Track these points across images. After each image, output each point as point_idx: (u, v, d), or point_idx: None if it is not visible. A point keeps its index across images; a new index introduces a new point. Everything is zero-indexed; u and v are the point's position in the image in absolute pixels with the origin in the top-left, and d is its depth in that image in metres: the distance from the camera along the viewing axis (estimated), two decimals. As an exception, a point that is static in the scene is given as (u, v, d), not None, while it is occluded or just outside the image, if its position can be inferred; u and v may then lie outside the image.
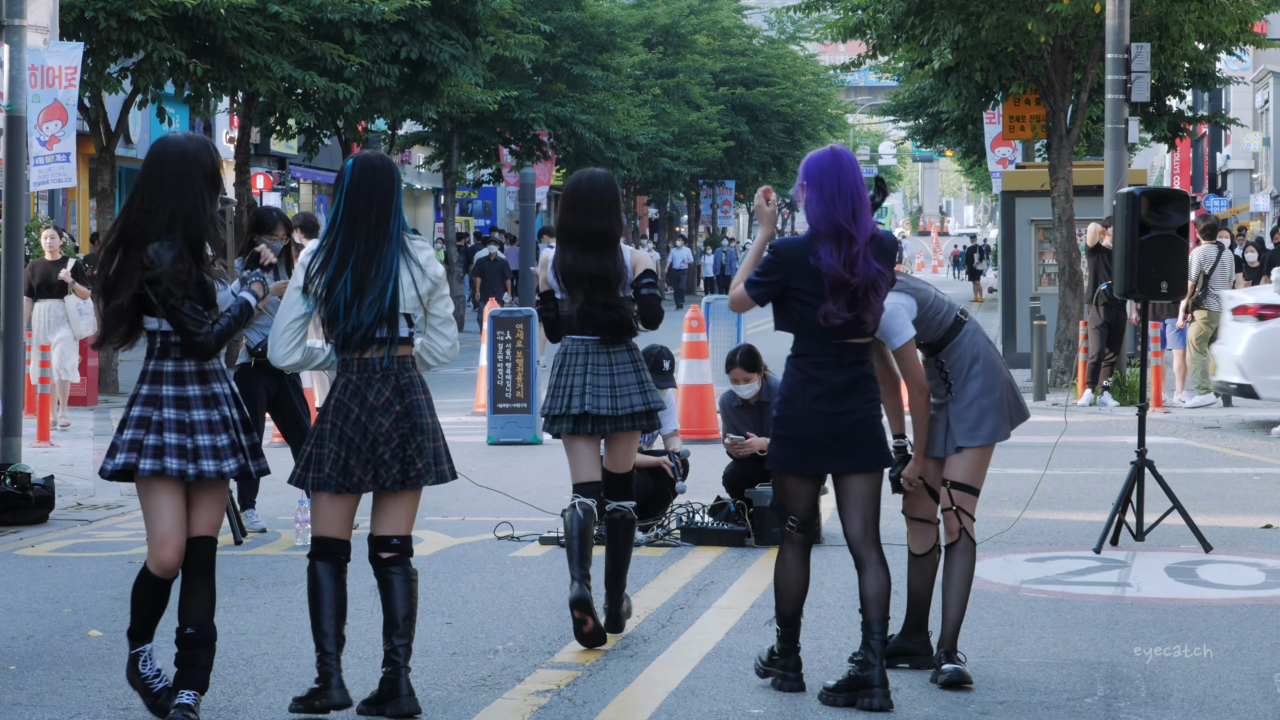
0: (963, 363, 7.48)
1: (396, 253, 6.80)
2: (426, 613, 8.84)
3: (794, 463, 7.04)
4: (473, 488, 12.13)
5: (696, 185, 61.20)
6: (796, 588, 7.15)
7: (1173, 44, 22.53)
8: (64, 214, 34.09)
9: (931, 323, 7.43)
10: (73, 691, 7.24)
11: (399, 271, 6.78)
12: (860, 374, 7.02)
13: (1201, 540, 10.59)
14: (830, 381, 6.97)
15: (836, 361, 6.98)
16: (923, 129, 42.87)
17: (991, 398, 7.46)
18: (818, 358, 6.98)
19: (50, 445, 16.35)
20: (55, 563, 10.51)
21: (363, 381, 6.79)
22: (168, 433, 6.60)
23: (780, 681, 7.24)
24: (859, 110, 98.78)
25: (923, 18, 22.63)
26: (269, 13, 23.36)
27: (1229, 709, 6.99)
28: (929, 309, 7.42)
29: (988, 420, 7.46)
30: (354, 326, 6.75)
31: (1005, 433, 7.53)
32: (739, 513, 10.92)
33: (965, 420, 7.47)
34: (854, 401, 7.00)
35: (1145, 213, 10.85)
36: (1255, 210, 58.37)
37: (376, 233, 6.77)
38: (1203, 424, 18.38)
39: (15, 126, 13.49)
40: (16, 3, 13.48)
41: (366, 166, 6.84)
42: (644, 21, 51.03)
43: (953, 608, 7.47)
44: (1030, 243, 25.77)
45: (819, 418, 6.97)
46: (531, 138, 41.28)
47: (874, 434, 7.06)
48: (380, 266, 6.76)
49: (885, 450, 7.14)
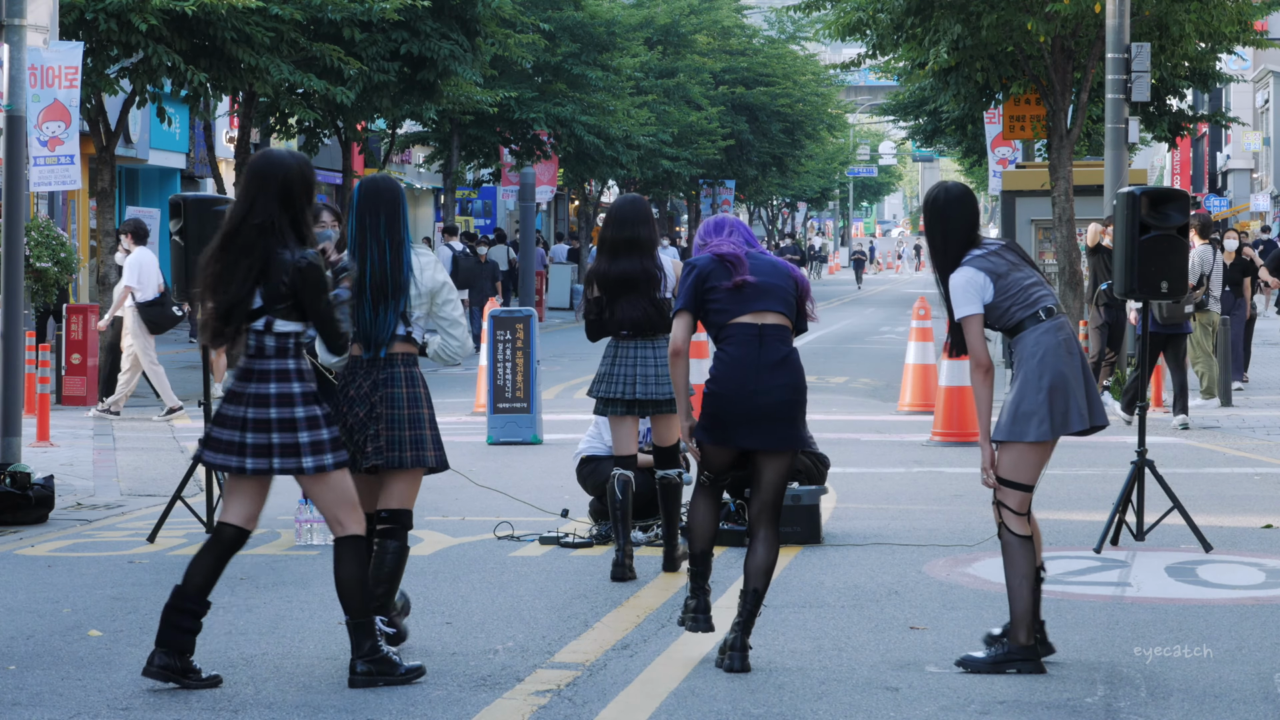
0: (1022, 355, 7.60)
1: (409, 257, 7.65)
2: (426, 613, 8.84)
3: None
4: (473, 488, 12.14)
5: (696, 185, 61.20)
6: (708, 528, 7.84)
7: (1173, 44, 22.51)
8: (64, 214, 34.08)
9: (1004, 310, 7.59)
10: (73, 691, 7.24)
11: (410, 275, 7.65)
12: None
13: (1202, 540, 10.59)
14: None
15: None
16: (923, 129, 42.85)
17: (1036, 399, 7.54)
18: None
19: (50, 445, 16.35)
20: (55, 563, 10.51)
21: (351, 375, 7.70)
22: (335, 425, 7.32)
23: (691, 624, 7.77)
24: (859, 110, 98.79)
25: (922, 17, 22.62)
26: (270, 14, 23.36)
27: (1229, 709, 6.99)
28: (1006, 297, 7.57)
29: (1023, 417, 7.57)
30: (380, 326, 7.61)
31: (1041, 433, 7.57)
32: (739, 513, 10.92)
33: (1004, 413, 7.63)
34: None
35: (1145, 213, 10.85)
36: (1255, 210, 58.40)
37: (386, 239, 7.62)
38: (1203, 424, 18.37)
39: (15, 126, 13.49)
40: (16, 2, 13.48)
41: (370, 183, 7.70)
42: (644, 21, 51.00)
43: (1010, 601, 7.70)
44: (1030, 243, 25.76)
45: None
46: (531, 138, 41.27)
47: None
48: (395, 271, 7.61)
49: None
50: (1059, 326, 7.61)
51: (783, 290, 7.78)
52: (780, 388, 7.64)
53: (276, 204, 7.18)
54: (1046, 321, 7.60)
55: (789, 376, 7.68)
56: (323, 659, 7.80)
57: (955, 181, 7.91)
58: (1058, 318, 7.63)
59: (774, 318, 7.72)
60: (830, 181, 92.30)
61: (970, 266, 7.59)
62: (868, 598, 9.25)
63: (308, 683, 7.36)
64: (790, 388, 7.67)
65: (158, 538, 11.11)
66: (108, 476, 14.63)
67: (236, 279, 7.14)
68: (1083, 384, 7.61)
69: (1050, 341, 7.58)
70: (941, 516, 12.00)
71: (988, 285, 7.55)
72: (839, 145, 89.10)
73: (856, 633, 8.39)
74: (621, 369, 9.88)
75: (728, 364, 7.70)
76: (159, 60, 22.25)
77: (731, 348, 7.70)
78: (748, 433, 7.64)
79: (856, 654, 7.93)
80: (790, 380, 7.68)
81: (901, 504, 12.68)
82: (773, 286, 7.76)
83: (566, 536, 11.00)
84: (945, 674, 7.55)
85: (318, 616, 8.76)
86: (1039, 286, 7.67)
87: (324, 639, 8.23)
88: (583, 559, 10.49)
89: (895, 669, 7.63)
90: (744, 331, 7.68)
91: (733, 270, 7.74)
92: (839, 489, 13.09)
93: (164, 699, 7.09)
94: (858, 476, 14.18)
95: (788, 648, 8.03)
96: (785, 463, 7.71)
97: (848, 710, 6.95)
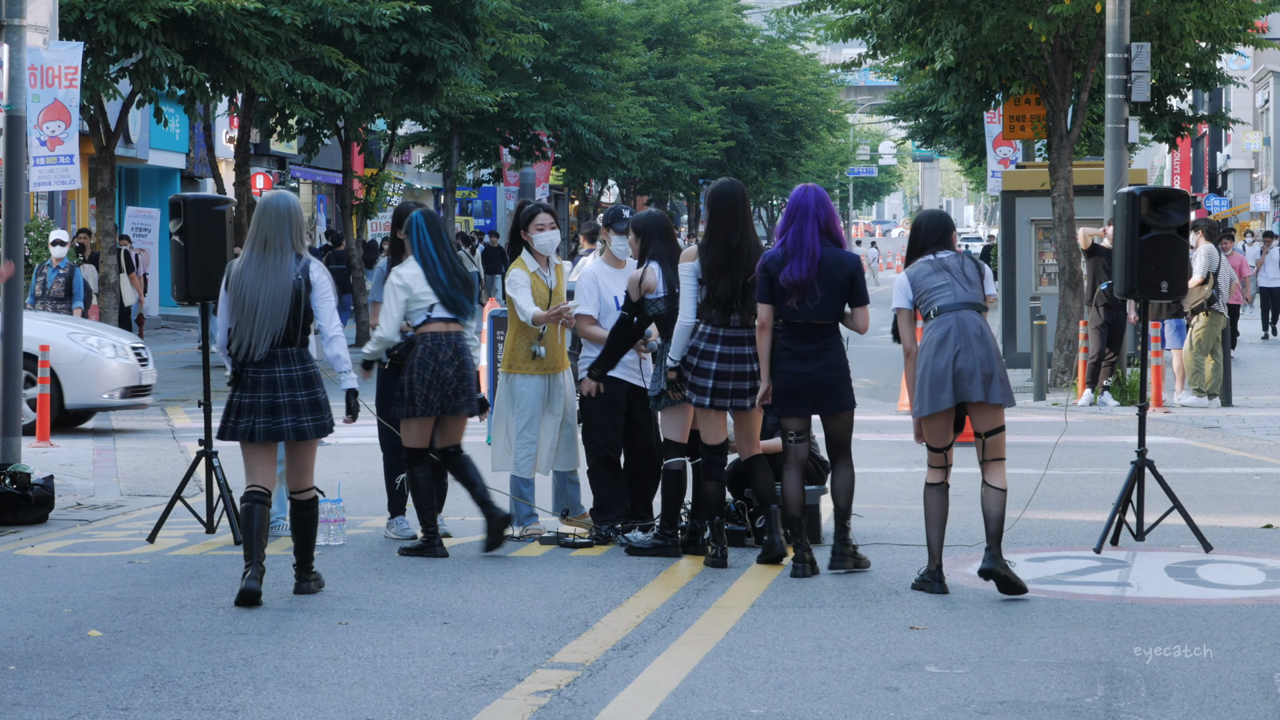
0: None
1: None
2: (426, 612, 8.85)
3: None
4: (473, 488, 12.14)
5: (696, 185, 61.19)
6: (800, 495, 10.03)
7: (1173, 43, 22.50)
8: (64, 214, 34.10)
9: (922, 305, 9.54)
10: (73, 691, 7.24)
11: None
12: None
13: (1202, 540, 10.59)
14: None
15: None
16: (923, 129, 42.84)
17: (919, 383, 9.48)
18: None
19: (50, 445, 16.35)
20: (55, 563, 10.51)
21: (439, 346, 10.49)
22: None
23: (799, 569, 9.82)
24: (859, 110, 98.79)
25: (923, 17, 22.60)
26: (269, 16, 23.36)
27: (1229, 709, 6.99)
28: (920, 292, 9.51)
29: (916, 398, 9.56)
30: (468, 311, 10.62)
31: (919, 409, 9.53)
32: (739, 513, 10.92)
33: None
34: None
35: (1145, 213, 10.84)
36: (1255, 210, 58.39)
37: (452, 251, 10.61)
38: (1203, 424, 18.38)
39: (15, 126, 13.49)
40: (16, 3, 13.48)
41: (429, 214, 10.66)
42: (644, 20, 51.02)
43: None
44: (1030, 243, 25.74)
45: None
46: (531, 138, 41.28)
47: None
48: (463, 275, 10.58)
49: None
50: (942, 326, 9.37)
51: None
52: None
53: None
54: (934, 319, 9.42)
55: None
56: (323, 659, 7.80)
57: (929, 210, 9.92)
58: (941, 318, 9.38)
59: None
60: (830, 181, 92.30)
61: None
62: (868, 598, 9.25)
63: (308, 683, 7.36)
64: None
65: (158, 538, 11.10)
66: (108, 476, 14.63)
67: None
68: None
69: (929, 339, 9.40)
70: (941, 516, 11.97)
71: (908, 288, 9.56)
72: (839, 145, 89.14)
73: (856, 633, 8.39)
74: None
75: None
76: (158, 61, 22.25)
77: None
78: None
79: (856, 654, 7.93)
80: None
81: (901, 504, 12.67)
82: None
83: (567, 536, 11.01)
84: (945, 674, 7.55)
85: (318, 617, 8.76)
86: (947, 294, 9.43)
87: (324, 639, 8.23)
88: (583, 559, 10.49)
89: (895, 669, 7.63)
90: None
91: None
92: (839, 489, 13.06)
93: (164, 699, 7.09)
94: (858, 476, 14.12)
95: (788, 648, 8.03)
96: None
97: (848, 710, 6.95)
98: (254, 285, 9.08)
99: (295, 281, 9.10)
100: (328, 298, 9.22)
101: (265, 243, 9.13)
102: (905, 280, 9.54)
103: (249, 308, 9.08)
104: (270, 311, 9.08)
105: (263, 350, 9.10)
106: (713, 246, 10.00)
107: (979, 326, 9.37)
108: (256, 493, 9.10)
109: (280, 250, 9.12)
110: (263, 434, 9.11)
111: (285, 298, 9.08)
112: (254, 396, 9.11)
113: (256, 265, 9.11)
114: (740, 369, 9.97)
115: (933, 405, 9.37)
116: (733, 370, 9.97)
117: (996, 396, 9.31)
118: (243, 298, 9.10)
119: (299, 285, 9.11)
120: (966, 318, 9.35)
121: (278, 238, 9.12)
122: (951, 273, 9.43)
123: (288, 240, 9.14)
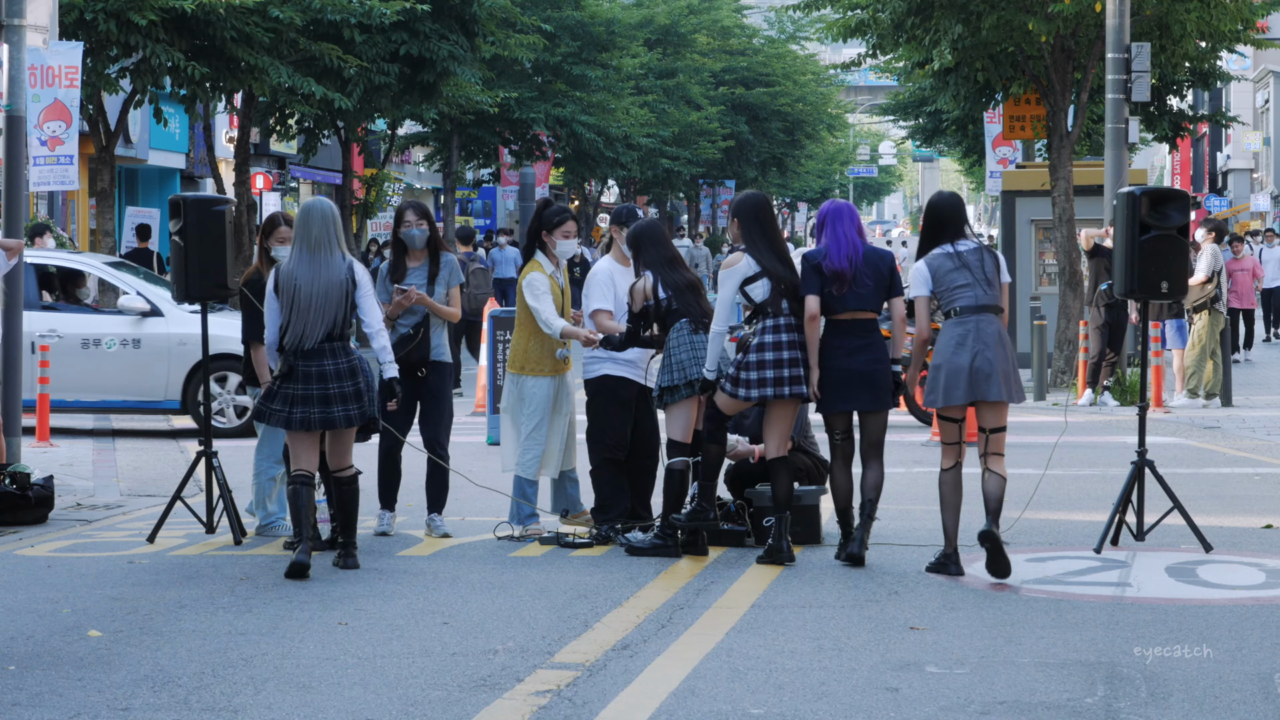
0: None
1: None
2: (426, 612, 8.85)
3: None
4: (473, 488, 12.14)
5: (696, 185, 61.18)
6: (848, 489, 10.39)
7: (1173, 43, 22.48)
8: (63, 214, 34.08)
9: (943, 299, 9.84)
10: (72, 691, 7.23)
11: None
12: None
13: (1202, 540, 10.59)
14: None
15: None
16: (923, 129, 42.81)
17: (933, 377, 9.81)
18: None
19: (50, 445, 16.35)
20: (55, 563, 10.51)
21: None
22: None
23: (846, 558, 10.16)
24: (859, 110, 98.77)
25: (923, 17, 22.59)
26: (269, 15, 23.35)
27: (1229, 709, 6.99)
28: (942, 287, 9.81)
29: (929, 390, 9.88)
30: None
31: (930, 401, 9.87)
32: (739, 512, 10.92)
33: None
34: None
35: (1145, 213, 10.84)
36: (1255, 210, 58.37)
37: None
38: (1203, 424, 18.38)
39: (15, 126, 13.49)
40: (16, 2, 13.48)
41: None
42: (644, 21, 50.99)
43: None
44: (1030, 243, 25.74)
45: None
46: (531, 138, 41.26)
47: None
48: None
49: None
50: (962, 325, 9.72)
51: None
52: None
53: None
54: (954, 318, 9.74)
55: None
56: (322, 659, 7.80)
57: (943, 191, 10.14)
58: (958, 319, 9.71)
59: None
60: (830, 182, 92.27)
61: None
62: (868, 598, 9.25)
63: (307, 683, 7.36)
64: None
65: (157, 538, 11.10)
66: (107, 476, 14.63)
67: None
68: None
69: (946, 336, 9.75)
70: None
71: (928, 277, 9.88)
72: (839, 145, 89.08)
73: (856, 633, 8.39)
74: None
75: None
76: (159, 59, 22.25)
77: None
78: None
79: (856, 654, 7.92)
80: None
81: (901, 504, 12.67)
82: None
83: (567, 536, 11.01)
84: (945, 674, 7.55)
85: (318, 616, 8.76)
86: (969, 289, 9.75)
87: (324, 639, 8.23)
88: (583, 559, 10.49)
89: (895, 669, 7.62)
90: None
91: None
92: (839, 489, 13.07)
93: (164, 699, 7.09)
94: (858, 477, 14.13)
95: (788, 648, 8.03)
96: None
97: (848, 710, 6.95)
98: (308, 281, 9.85)
99: (344, 278, 9.90)
100: (370, 294, 10.01)
101: (315, 243, 9.90)
102: (925, 269, 9.84)
103: (303, 302, 9.86)
104: (325, 304, 9.86)
105: (317, 339, 9.87)
106: (763, 246, 10.23)
107: (997, 331, 9.75)
108: (303, 475, 9.91)
109: (329, 249, 9.90)
110: (318, 423, 9.89)
111: (338, 292, 9.89)
112: (306, 388, 9.87)
113: (308, 264, 9.89)
114: (794, 355, 10.13)
115: (946, 399, 9.75)
116: (798, 358, 10.14)
117: (1012, 396, 9.76)
118: (296, 294, 9.86)
119: (346, 282, 9.86)
120: (985, 322, 9.73)
121: (326, 238, 9.92)
122: (972, 271, 9.77)
123: (335, 240, 9.95)
